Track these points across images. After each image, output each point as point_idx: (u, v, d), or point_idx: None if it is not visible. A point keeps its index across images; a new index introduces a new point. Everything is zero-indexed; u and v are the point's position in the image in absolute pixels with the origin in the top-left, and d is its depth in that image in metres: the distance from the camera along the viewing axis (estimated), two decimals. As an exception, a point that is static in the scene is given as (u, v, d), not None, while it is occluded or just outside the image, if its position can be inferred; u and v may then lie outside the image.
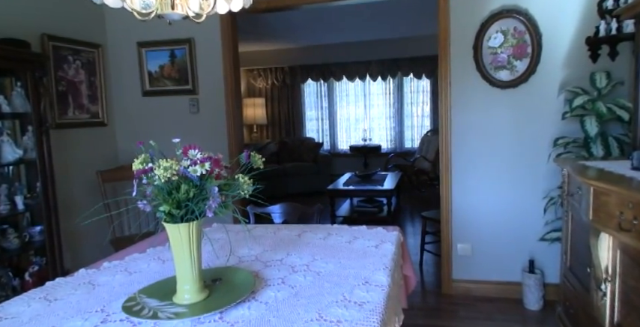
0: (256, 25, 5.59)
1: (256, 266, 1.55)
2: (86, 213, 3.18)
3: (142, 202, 1.25)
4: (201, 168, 1.12)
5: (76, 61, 3.21)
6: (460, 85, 2.90)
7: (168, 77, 3.45)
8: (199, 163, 1.12)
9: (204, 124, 3.43)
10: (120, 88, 3.56)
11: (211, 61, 3.35)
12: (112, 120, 3.57)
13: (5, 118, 2.58)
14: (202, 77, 3.40)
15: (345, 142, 7.94)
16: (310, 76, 7.86)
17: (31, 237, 2.63)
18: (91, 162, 3.31)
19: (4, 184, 2.53)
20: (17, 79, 2.58)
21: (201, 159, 1.12)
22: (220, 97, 3.37)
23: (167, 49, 3.42)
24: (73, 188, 3.15)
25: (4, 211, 2.44)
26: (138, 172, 1.15)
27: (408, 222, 5.09)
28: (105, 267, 1.65)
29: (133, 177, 1.19)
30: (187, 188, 1.14)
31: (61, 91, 3.09)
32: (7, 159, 2.46)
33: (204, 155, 1.15)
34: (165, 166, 1.10)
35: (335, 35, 6.77)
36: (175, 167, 1.11)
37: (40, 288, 1.47)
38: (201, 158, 1.12)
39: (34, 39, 2.85)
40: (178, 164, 1.14)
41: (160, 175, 1.09)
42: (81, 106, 3.26)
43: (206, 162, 1.13)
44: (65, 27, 3.12)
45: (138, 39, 3.46)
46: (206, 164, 1.13)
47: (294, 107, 8.05)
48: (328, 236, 1.87)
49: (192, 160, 1.12)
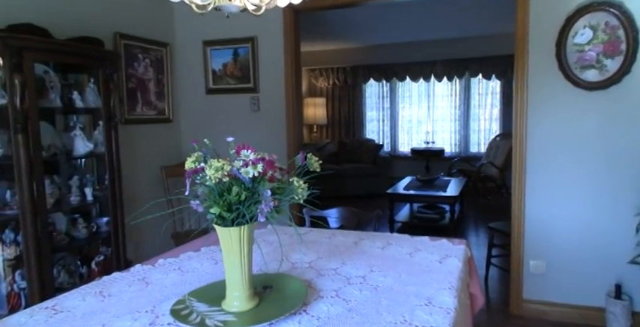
0: (319, 24, 5.54)
1: (309, 274, 1.47)
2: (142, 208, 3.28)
3: (194, 202, 1.20)
4: (253, 169, 1.05)
5: (145, 59, 3.32)
6: (539, 86, 2.64)
7: (231, 75, 3.48)
8: (252, 164, 1.04)
9: (264, 123, 3.42)
10: (185, 86, 3.64)
11: (273, 59, 3.33)
12: (177, 117, 3.67)
13: (79, 113, 2.70)
14: (263, 76, 3.39)
15: (406, 145, 7.70)
16: (372, 76, 7.70)
17: (98, 227, 2.74)
18: (155, 157, 3.41)
19: (76, 176, 2.65)
20: (91, 75, 2.69)
21: (254, 160, 1.05)
22: (281, 95, 3.34)
23: (231, 47, 3.44)
24: (138, 182, 3.26)
25: (75, 202, 2.55)
26: (189, 172, 1.10)
27: (471, 231, 4.80)
28: (159, 264, 1.64)
29: (185, 175, 1.14)
30: (239, 190, 1.07)
31: (131, 88, 3.21)
32: (79, 152, 2.57)
33: (257, 156, 1.08)
34: (216, 166, 1.04)
35: (399, 34, 6.57)
36: (226, 168, 1.05)
37: (97, 282, 1.48)
38: (253, 159, 1.05)
39: (107, 37, 2.97)
40: (230, 165, 1.07)
41: (211, 175, 1.03)
42: (148, 103, 3.37)
43: (259, 163, 1.06)
44: (136, 26, 3.23)
45: (204, 38, 3.52)
46: (259, 166, 1.06)
47: (354, 108, 7.94)
48: (387, 246, 1.74)
49: (245, 161, 1.05)
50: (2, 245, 2.25)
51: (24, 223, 2.16)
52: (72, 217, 2.68)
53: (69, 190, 2.59)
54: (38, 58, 2.22)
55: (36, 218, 2.19)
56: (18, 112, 2.09)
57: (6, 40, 2.04)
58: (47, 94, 2.42)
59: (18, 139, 2.11)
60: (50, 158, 2.46)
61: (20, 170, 2.13)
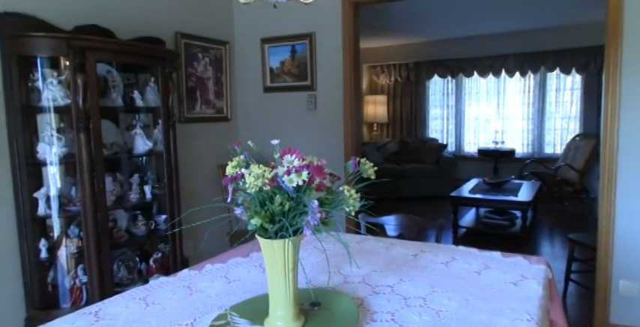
0: (381, 18, 5.33)
1: (362, 291, 1.32)
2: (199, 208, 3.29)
3: (239, 209, 1.11)
4: (297, 178, 0.93)
5: (204, 57, 3.33)
6: (634, 78, 2.28)
7: (288, 73, 3.40)
8: (295, 172, 0.92)
9: (321, 122, 3.31)
10: (243, 84, 3.62)
11: (331, 56, 3.21)
12: (235, 115, 3.66)
13: (140, 112, 2.75)
14: (321, 73, 3.28)
15: (473, 145, 7.26)
16: (437, 72, 7.34)
17: (157, 225, 2.77)
18: (213, 156, 3.42)
19: (136, 174, 2.70)
20: (151, 75, 2.73)
21: (298, 167, 0.92)
22: (338, 93, 3.21)
23: (288, 44, 3.36)
24: (196, 180, 3.28)
25: (135, 200, 2.60)
26: (227, 179, 1.00)
27: (545, 241, 4.38)
28: (206, 270, 1.58)
29: (225, 180, 1.04)
30: (282, 200, 0.96)
31: (190, 86, 3.23)
32: (139, 150, 2.61)
33: (303, 162, 0.95)
34: (256, 173, 0.93)
35: (467, 27, 6.17)
36: (268, 175, 0.93)
37: (143, 287, 1.44)
38: (297, 166, 0.92)
39: (168, 37, 3.00)
40: (273, 171, 0.96)
41: (251, 183, 0.92)
42: (207, 102, 3.38)
43: (304, 171, 0.93)
44: (197, 25, 3.25)
45: (262, 35, 3.48)
46: (303, 173, 0.93)
47: (417, 105, 7.62)
48: (451, 261, 1.55)
49: (288, 168, 0.93)
50: (67, 240, 2.33)
51: (85, 219, 2.22)
52: (132, 214, 2.74)
53: (130, 188, 2.64)
54: (100, 58, 2.26)
55: (96, 214, 2.24)
56: (80, 111, 2.14)
57: (70, 41, 2.08)
58: (110, 93, 2.47)
59: (80, 138, 2.16)
60: (112, 156, 2.51)
61: (82, 168, 2.18)
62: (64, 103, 2.21)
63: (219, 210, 3.41)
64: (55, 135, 2.22)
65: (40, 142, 2.21)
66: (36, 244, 2.21)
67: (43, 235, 2.27)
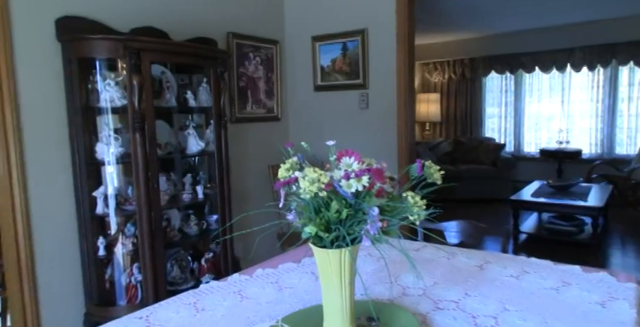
0: (434, 14, 5.11)
1: (424, 306, 1.21)
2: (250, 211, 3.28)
3: (292, 215, 1.04)
4: (357, 183, 0.83)
5: (255, 57, 3.32)
6: None
7: (339, 71, 3.32)
8: (354, 176, 0.83)
9: (374, 121, 3.19)
10: (293, 84, 3.58)
11: (384, 52, 3.09)
12: (285, 115, 3.62)
13: (192, 112, 2.77)
14: (374, 71, 3.16)
15: (533, 144, 6.83)
16: (494, 68, 6.98)
17: (209, 225, 2.78)
18: (264, 156, 3.41)
19: (189, 174, 2.72)
20: (204, 75, 2.74)
21: (358, 172, 0.83)
22: (392, 92, 3.08)
23: (340, 41, 3.28)
24: (247, 180, 3.28)
25: (187, 199, 2.61)
26: (279, 183, 0.93)
27: (617, 250, 4.00)
28: (257, 275, 1.52)
29: (277, 184, 0.97)
30: (339, 207, 0.87)
31: (241, 86, 3.23)
32: (192, 150, 2.63)
33: (363, 165, 0.86)
34: (311, 177, 0.84)
35: (528, 20, 5.80)
36: (324, 180, 0.85)
37: (193, 291, 1.40)
38: (357, 171, 0.83)
39: (220, 37, 3.01)
40: (329, 175, 0.87)
41: (305, 188, 0.84)
42: (258, 101, 3.37)
43: (364, 175, 0.83)
44: (248, 25, 3.24)
45: (313, 33, 3.41)
46: (364, 178, 0.84)
47: (472, 103, 7.29)
48: (523, 274, 1.40)
49: (346, 172, 0.84)
50: (123, 238, 2.37)
51: (140, 218, 2.24)
52: (184, 213, 2.77)
53: (182, 188, 2.67)
54: (155, 59, 2.29)
55: (151, 214, 2.26)
56: (136, 111, 2.16)
57: (126, 43, 2.11)
58: (164, 93, 2.50)
59: (136, 138, 2.18)
60: (166, 156, 2.54)
61: (137, 167, 2.21)
62: (120, 104, 2.25)
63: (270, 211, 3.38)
64: (113, 135, 2.27)
65: (99, 142, 2.26)
66: (94, 242, 2.27)
67: (101, 233, 2.33)
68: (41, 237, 2.15)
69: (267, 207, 2.97)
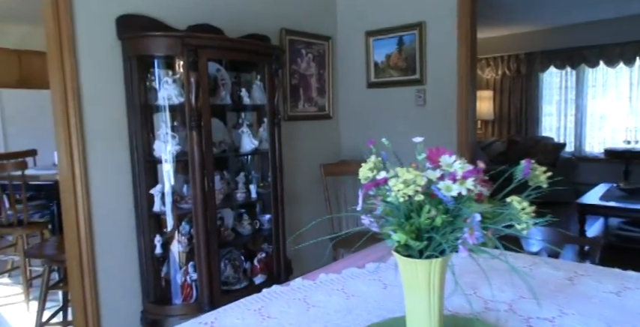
0: (489, 6, 4.85)
1: (513, 324, 1.08)
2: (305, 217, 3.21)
3: (367, 217, 0.94)
4: (460, 186, 0.72)
5: (308, 54, 3.25)
6: None
7: (394, 67, 3.19)
8: (460, 178, 0.72)
9: (431, 118, 3.04)
10: (345, 81, 3.49)
11: (443, 47, 2.93)
12: (337, 113, 3.54)
13: (246, 110, 2.74)
14: (431, 66, 3.01)
15: (597, 144, 6.38)
16: (553, 62, 6.58)
17: (261, 225, 2.74)
18: (315, 154, 3.34)
19: (242, 173, 2.68)
20: (257, 73, 2.70)
21: (465, 173, 0.72)
22: (451, 88, 2.92)
23: (395, 36, 3.15)
24: (298, 179, 3.21)
25: (241, 199, 2.58)
26: (368, 185, 0.83)
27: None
28: (321, 281, 1.44)
29: (366, 186, 0.88)
30: (435, 213, 0.76)
31: (294, 84, 3.17)
32: (245, 149, 2.59)
33: (464, 166, 0.75)
34: (406, 178, 0.74)
35: (593, 11, 5.41)
36: (420, 181, 0.74)
37: (257, 296, 1.34)
38: (463, 172, 0.72)
39: (273, 34, 2.96)
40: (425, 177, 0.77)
41: (398, 190, 0.74)
42: (310, 99, 3.30)
43: (470, 177, 0.72)
44: (301, 21, 3.17)
45: (366, 28, 3.30)
46: (468, 181, 0.73)
47: (528, 100, 6.91)
48: (624, 291, 1.23)
49: (450, 174, 0.73)
50: (179, 236, 2.37)
51: (196, 216, 2.22)
52: (237, 212, 2.74)
53: (236, 187, 2.64)
54: (212, 56, 2.26)
55: (206, 213, 2.23)
56: (193, 109, 2.14)
57: (184, 40, 2.09)
58: (219, 91, 2.47)
59: (192, 136, 2.16)
60: (220, 154, 2.52)
61: (194, 166, 2.19)
62: (177, 102, 2.24)
63: (321, 211, 3.32)
64: (170, 133, 2.26)
65: (156, 140, 2.26)
66: (152, 240, 2.28)
67: (158, 231, 2.33)
68: (101, 234, 2.18)
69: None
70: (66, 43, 2.03)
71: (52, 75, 2.05)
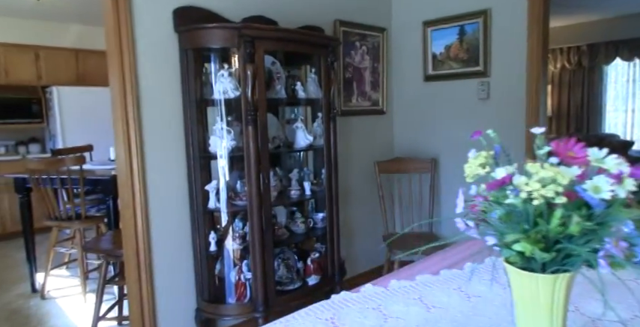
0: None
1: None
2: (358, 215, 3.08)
3: (463, 220, 0.81)
4: (617, 186, 0.58)
5: (362, 46, 3.12)
6: None
7: (455, 58, 3.00)
8: (624, 176, 0.57)
9: (495, 113, 2.84)
10: (400, 74, 3.33)
11: (511, 35, 2.71)
12: (391, 108, 3.38)
13: (300, 105, 2.65)
14: (497, 57, 2.80)
15: (669, 141, 5.88)
16: (619, 54, 6.10)
17: (314, 223, 2.65)
18: (368, 151, 3.21)
19: (296, 169, 2.60)
20: (312, 66, 2.60)
21: (634, 171, 0.57)
22: (519, 80, 2.70)
23: (456, 25, 2.96)
24: (351, 177, 3.10)
25: (295, 196, 2.50)
26: (492, 184, 0.70)
27: None
28: (394, 288, 1.31)
29: (489, 185, 0.74)
30: (577, 219, 0.62)
31: (347, 78, 3.05)
32: (300, 145, 2.50)
33: (620, 162, 0.60)
34: (543, 176, 0.61)
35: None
36: (562, 180, 0.60)
37: (327, 303, 1.23)
38: (631, 170, 0.58)
39: (327, 25, 2.85)
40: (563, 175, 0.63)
41: (534, 191, 0.61)
42: (363, 93, 3.17)
43: (628, 178, 0.58)
44: (355, 12, 3.05)
45: (424, 18, 3.13)
46: (627, 182, 0.58)
47: (590, 95, 6.46)
48: None
49: (618, 173, 0.59)
50: (233, 234, 2.31)
51: (251, 214, 2.15)
52: (289, 210, 2.66)
53: (289, 184, 2.56)
54: (268, 48, 2.17)
55: (261, 210, 2.16)
56: (249, 103, 2.07)
57: (241, 31, 2.02)
58: (274, 85, 2.39)
59: (248, 131, 2.09)
60: (274, 150, 2.44)
61: (249, 162, 2.12)
62: (233, 96, 2.17)
63: (374, 209, 3.19)
64: (225, 128, 2.20)
65: (212, 135, 2.21)
66: (206, 237, 2.23)
67: (212, 228, 2.28)
68: (157, 230, 2.15)
69: (370, 200, 2.76)
70: (125, 38, 2.00)
71: (111, 70, 2.03)
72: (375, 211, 3.23)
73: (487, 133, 0.82)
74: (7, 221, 4.74)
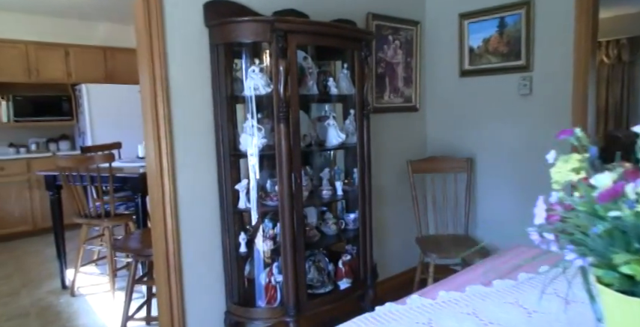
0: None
1: None
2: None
3: (535, 232, 0.71)
4: None
5: (395, 40, 3.00)
6: None
7: (494, 52, 2.85)
8: None
9: (537, 110, 2.68)
10: (434, 69, 3.19)
11: (557, 27, 2.55)
12: (424, 105, 3.25)
13: (331, 101, 2.55)
14: (540, 50, 2.64)
15: None
16: (663, 47, 5.78)
17: (346, 224, 2.55)
18: (400, 150, 3.09)
19: (327, 168, 2.51)
20: (344, 61, 2.50)
21: None
22: (565, 74, 2.54)
23: (495, 17, 2.80)
24: (382, 176, 2.99)
25: (327, 196, 2.41)
26: (605, 194, 0.59)
27: None
28: (443, 300, 1.21)
29: (602, 196, 0.64)
30: None
31: (380, 73, 2.93)
32: (332, 143, 2.41)
33: None
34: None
35: None
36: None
37: (371, 315, 1.14)
38: None
39: (359, 19, 2.75)
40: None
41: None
42: (396, 90, 3.05)
43: None
44: (387, 4, 2.93)
45: (460, 10, 2.98)
46: None
47: (630, 90, 6.15)
48: None
49: None
50: (263, 236, 2.24)
51: (282, 214, 2.08)
52: (321, 210, 2.57)
53: (320, 183, 2.47)
54: (301, 42, 2.09)
55: (293, 211, 2.08)
56: (281, 99, 1.99)
57: (274, 25, 1.94)
58: (306, 81, 2.30)
59: (280, 128, 2.01)
60: (305, 149, 2.35)
61: (281, 160, 2.04)
62: (264, 92, 2.10)
63: (406, 210, 3.07)
64: (256, 125, 2.13)
65: (243, 133, 2.14)
66: (236, 238, 2.16)
67: (242, 228, 2.22)
68: (187, 230, 2.10)
69: (402, 200, 2.62)
70: (155, 33, 1.95)
71: (141, 67, 1.98)
72: (407, 212, 3.11)
73: (575, 131, 0.71)
74: (38, 217, 4.82)
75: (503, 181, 2.89)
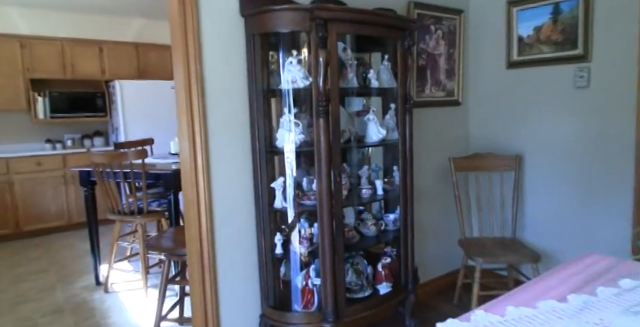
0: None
1: None
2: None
3: None
4: None
5: (437, 30, 2.82)
6: None
7: (546, 41, 2.64)
8: None
9: (596, 104, 2.46)
10: (479, 61, 3.00)
11: (620, 13, 2.33)
12: (467, 98, 3.07)
13: (371, 95, 2.42)
14: (600, 38, 2.42)
15: None
16: None
17: (385, 225, 2.42)
18: (442, 146, 2.93)
19: (366, 166, 2.38)
20: (385, 52, 2.36)
21: None
22: (629, 65, 2.32)
23: (549, 3, 2.59)
24: (423, 174, 2.83)
25: (366, 196, 2.28)
26: None
27: None
28: (513, 318, 1.07)
29: None
30: None
31: (421, 65, 2.77)
32: (372, 139, 2.27)
33: None
34: None
35: None
36: None
37: (431, 333, 1.01)
38: None
39: (400, 7, 2.60)
40: None
41: None
42: (437, 83, 2.88)
43: None
44: (431, -8, 2.76)
45: (509, -3, 2.78)
46: None
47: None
48: None
49: None
50: (300, 237, 2.13)
51: (321, 215, 1.96)
52: (358, 210, 2.45)
53: (358, 182, 2.34)
54: (341, 31, 1.96)
55: (332, 211, 1.96)
56: (320, 93, 1.87)
57: (313, 13, 1.81)
58: (345, 73, 2.17)
59: (319, 124, 1.89)
60: (343, 145, 2.23)
61: (320, 157, 1.92)
62: (302, 85, 1.98)
63: (449, 210, 2.91)
64: (293, 120, 2.02)
65: (280, 129, 2.03)
66: (272, 239, 2.07)
67: (277, 229, 2.12)
68: (222, 230, 2.01)
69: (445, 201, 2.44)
70: (190, 23, 1.86)
71: (175, 60, 1.89)
72: (449, 213, 2.95)
73: None
74: (73, 212, 4.88)
75: (554, 180, 2.68)
